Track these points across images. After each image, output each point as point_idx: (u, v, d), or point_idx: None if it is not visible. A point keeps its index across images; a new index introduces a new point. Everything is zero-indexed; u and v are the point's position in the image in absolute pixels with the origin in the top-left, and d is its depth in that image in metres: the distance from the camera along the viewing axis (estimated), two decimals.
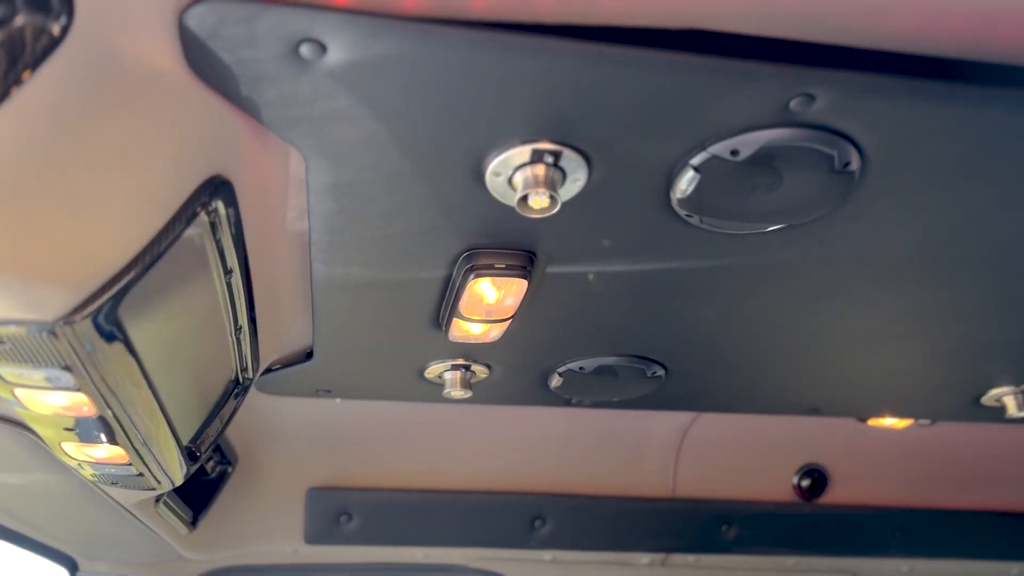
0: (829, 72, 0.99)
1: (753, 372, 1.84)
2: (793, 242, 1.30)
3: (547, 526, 2.43)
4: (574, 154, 1.08)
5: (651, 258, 1.35)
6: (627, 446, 2.43)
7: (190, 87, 0.95)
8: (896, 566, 2.73)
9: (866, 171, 1.13)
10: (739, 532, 2.51)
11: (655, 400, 1.98)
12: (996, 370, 1.86)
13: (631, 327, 1.60)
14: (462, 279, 1.33)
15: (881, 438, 2.47)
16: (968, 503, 2.73)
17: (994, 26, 1.03)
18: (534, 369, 1.77)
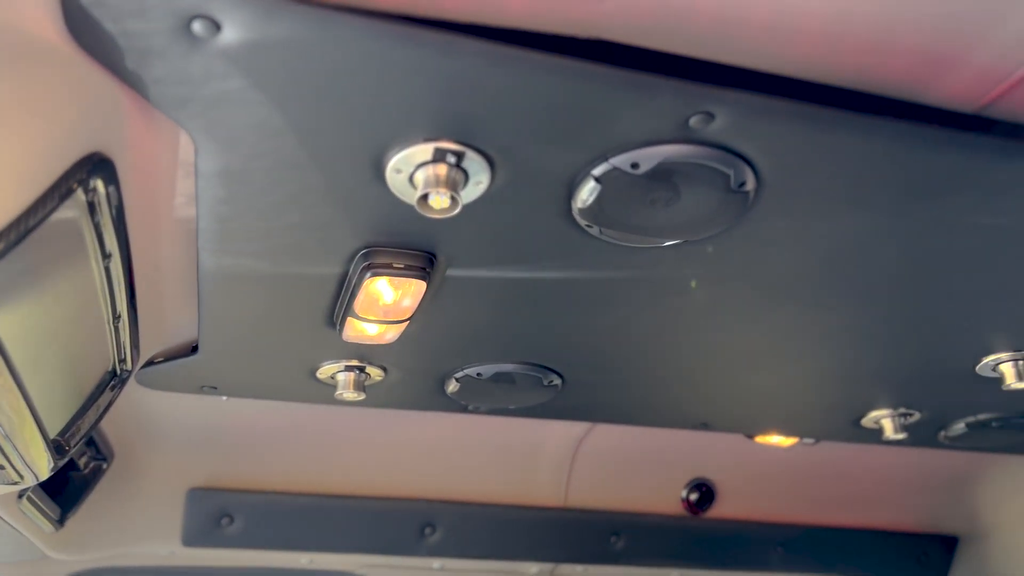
0: (728, 92, 1.01)
1: (647, 385, 1.86)
2: (688, 258, 1.32)
3: (437, 534, 2.41)
4: (477, 156, 1.07)
5: (551, 266, 1.35)
6: (522, 455, 2.42)
7: (70, 57, 0.90)
8: None
9: (760, 192, 1.16)
10: (627, 544, 2.54)
11: (551, 409, 1.98)
12: (875, 393, 1.94)
13: (530, 335, 1.60)
14: (358, 277, 1.30)
15: (767, 455, 2.54)
16: (846, 521, 2.84)
17: (884, 59, 1.07)
18: (431, 373, 1.75)
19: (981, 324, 1.57)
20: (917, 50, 1.06)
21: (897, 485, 2.78)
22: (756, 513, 2.71)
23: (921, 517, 2.93)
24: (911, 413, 2.04)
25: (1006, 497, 2.86)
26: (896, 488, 2.79)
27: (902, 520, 2.91)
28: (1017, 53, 1.06)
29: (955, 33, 1.04)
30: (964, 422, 2.09)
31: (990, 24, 1.03)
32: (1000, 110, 1.13)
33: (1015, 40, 1.04)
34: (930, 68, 1.08)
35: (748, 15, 1.00)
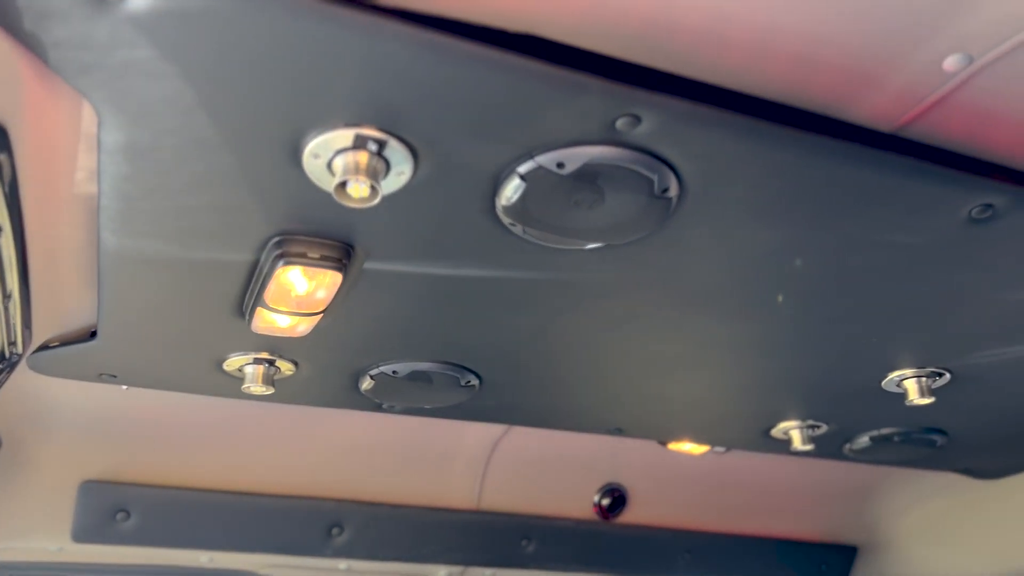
0: (656, 96, 1.00)
1: (564, 388, 1.85)
2: (610, 262, 1.32)
3: (345, 534, 2.35)
4: (400, 146, 1.04)
5: (473, 264, 1.32)
6: (436, 456, 2.39)
7: None
8: None
9: (683, 199, 1.16)
10: (538, 548, 2.53)
11: (468, 410, 1.95)
12: (786, 404, 1.98)
13: (449, 333, 1.57)
14: (270, 266, 1.25)
15: (679, 462, 2.57)
16: (752, 529, 2.90)
17: (810, 74, 1.08)
18: (344, 370, 1.70)
19: (888, 341, 1.62)
20: (841, 68, 1.07)
21: (801, 495, 2.84)
22: (666, 519, 2.74)
23: (823, 527, 3.01)
24: (819, 425, 2.09)
25: (903, 509, 2.96)
26: (800, 498, 2.86)
27: (805, 530, 2.98)
28: (932, 78, 1.09)
29: (877, 54, 1.06)
30: (868, 436, 2.15)
31: (909, 48, 1.05)
32: (915, 131, 1.16)
33: (930, 65, 1.07)
34: (852, 86, 1.10)
35: (680, 21, 1.00)
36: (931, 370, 1.75)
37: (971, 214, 1.21)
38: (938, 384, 1.79)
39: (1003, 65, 1.06)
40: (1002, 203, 1.20)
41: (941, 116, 1.13)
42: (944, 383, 1.79)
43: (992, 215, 1.22)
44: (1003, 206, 1.20)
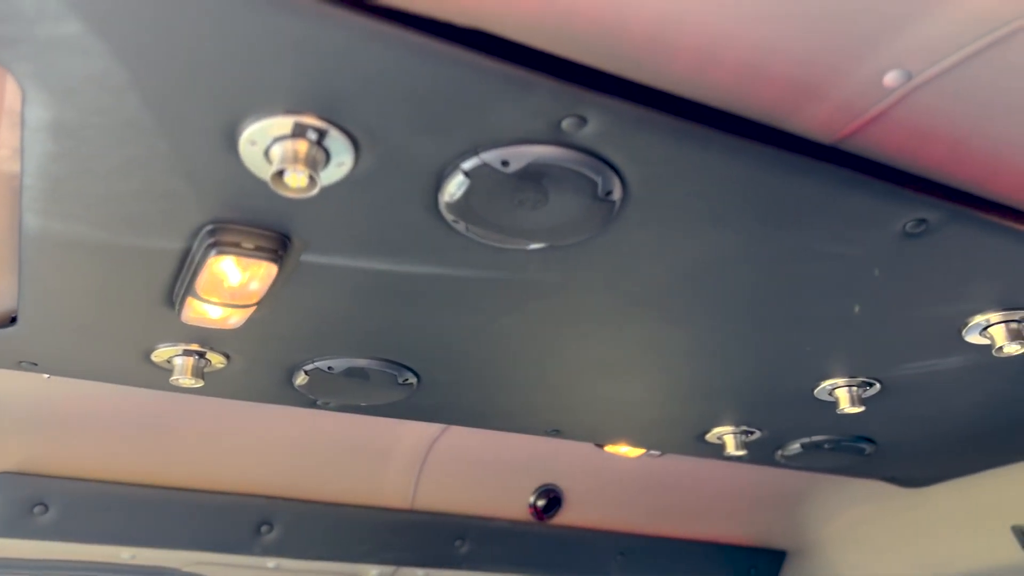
0: (603, 98, 1.00)
1: (503, 389, 1.84)
2: (552, 263, 1.31)
3: (274, 532, 2.30)
4: (342, 136, 1.01)
5: (413, 260, 1.30)
6: (371, 454, 2.36)
7: None
8: None
9: (626, 202, 1.16)
10: (472, 548, 2.51)
11: (405, 408, 1.93)
12: (721, 410, 2.00)
13: (387, 330, 1.54)
14: (202, 255, 1.21)
15: (615, 464, 2.58)
16: (684, 532, 2.93)
17: (755, 84, 1.09)
18: (278, 364, 1.66)
19: (822, 350, 1.65)
20: (785, 78, 1.09)
21: (733, 500, 2.89)
22: (600, 521, 2.75)
23: (754, 531, 3.06)
24: (752, 431, 2.12)
25: (830, 515, 3.03)
26: (732, 503, 2.90)
27: (736, 533, 3.03)
28: (872, 92, 1.10)
29: (820, 66, 1.07)
30: (800, 442, 2.19)
31: (850, 62, 1.07)
32: (854, 145, 1.18)
33: (871, 80, 1.09)
34: (795, 97, 1.11)
35: (628, 24, 1.00)
36: (862, 380, 1.79)
37: (905, 228, 1.24)
38: (868, 394, 1.83)
39: (940, 83, 1.08)
40: (935, 219, 1.23)
41: (880, 130, 1.16)
42: (874, 393, 1.83)
43: (925, 230, 1.24)
44: (936, 222, 1.23)
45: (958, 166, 1.23)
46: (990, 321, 1.51)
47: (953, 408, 1.97)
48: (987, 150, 1.21)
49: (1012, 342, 1.50)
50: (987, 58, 1.04)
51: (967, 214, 1.24)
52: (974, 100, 1.11)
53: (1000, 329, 1.51)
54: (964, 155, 1.22)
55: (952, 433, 2.16)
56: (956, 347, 1.62)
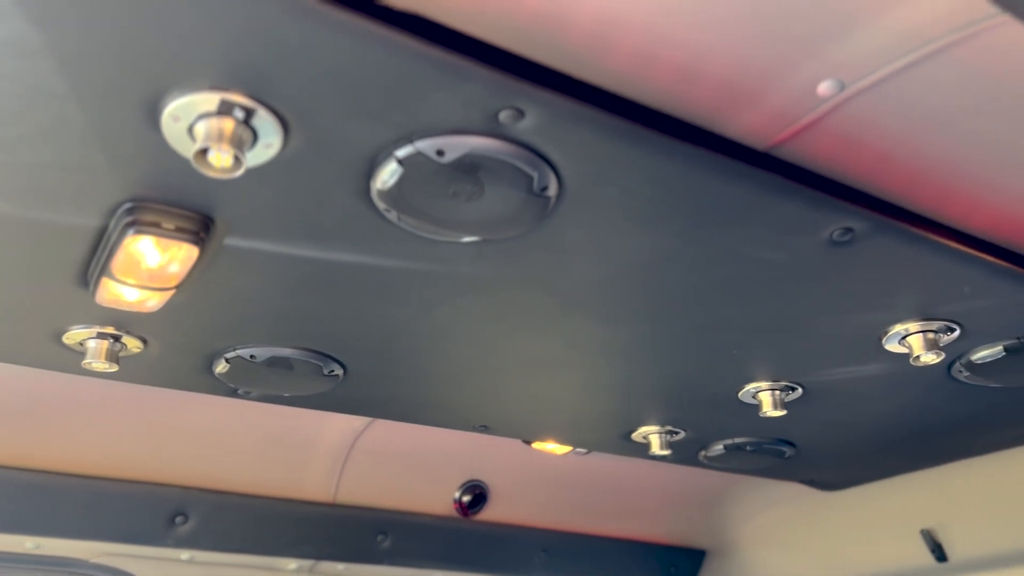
0: (542, 91, 0.99)
1: (432, 383, 1.82)
2: (486, 257, 1.29)
3: (189, 523, 2.22)
4: (270, 116, 0.98)
5: (343, 248, 1.27)
6: (293, 447, 2.30)
7: None
8: None
9: (562, 198, 1.15)
10: (394, 543, 2.48)
11: (330, 400, 1.89)
12: (647, 409, 2.01)
13: (313, 319, 1.50)
14: (119, 234, 1.15)
15: (542, 461, 2.58)
16: (608, 530, 2.95)
17: (692, 86, 1.09)
18: (198, 351, 1.60)
19: (748, 353, 1.67)
20: (721, 82, 1.09)
21: (656, 499, 2.92)
22: (525, 518, 2.75)
23: (675, 530, 3.10)
24: (677, 431, 2.14)
25: (750, 516, 3.09)
26: (655, 502, 2.94)
27: (658, 532, 3.07)
28: (805, 100, 1.12)
29: (756, 72, 1.08)
30: (722, 444, 2.22)
31: (785, 69, 1.08)
32: (787, 151, 1.19)
33: (805, 88, 1.10)
34: (731, 102, 1.12)
35: (569, 18, 0.99)
36: (785, 384, 1.82)
37: (832, 236, 1.26)
38: (790, 398, 1.87)
39: (871, 95, 1.10)
40: (861, 228, 1.25)
41: (812, 138, 1.17)
42: (796, 397, 1.87)
43: (851, 239, 1.27)
44: (862, 231, 1.26)
45: (885, 177, 1.25)
46: (909, 331, 1.55)
47: (871, 414, 2.03)
48: (912, 163, 1.24)
49: (928, 352, 1.54)
50: (916, 73, 1.07)
51: (891, 225, 1.27)
52: (902, 113, 1.14)
53: (918, 339, 1.55)
54: (891, 167, 1.25)
55: (868, 438, 2.22)
56: (876, 355, 1.66)
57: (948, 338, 1.57)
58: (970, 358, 1.68)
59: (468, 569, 2.66)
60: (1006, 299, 1.46)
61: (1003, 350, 1.64)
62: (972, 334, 1.58)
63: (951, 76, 1.07)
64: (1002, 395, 1.88)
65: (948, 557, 2.61)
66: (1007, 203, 1.34)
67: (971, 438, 2.23)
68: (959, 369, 1.73)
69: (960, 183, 1.30)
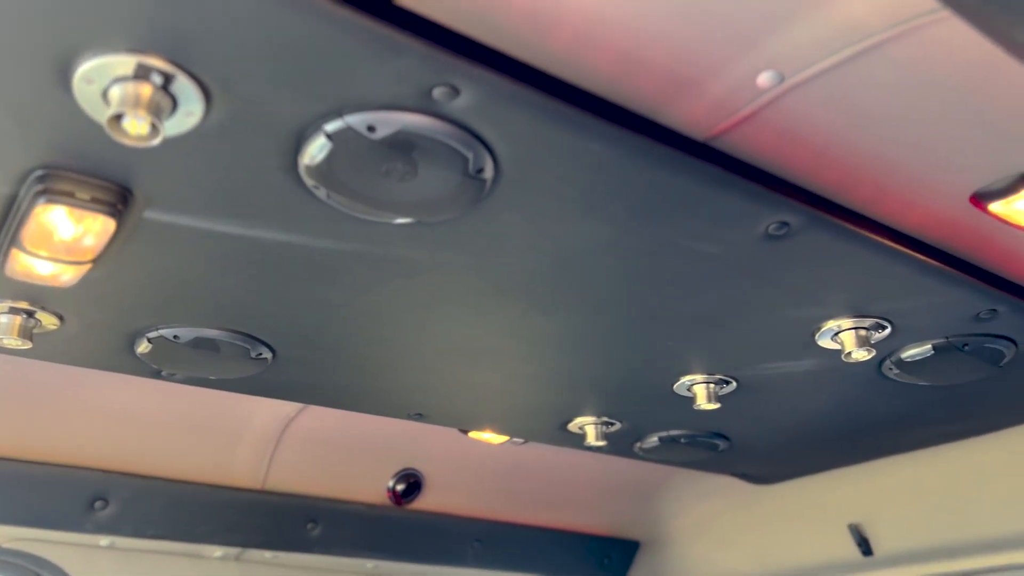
0: (478, 69, 0.96)
1: (365, 370, 1.78)
2: (420, 241, 1.26)
3: (110, 508, 2.14)
4: (191, 83, 0.93)
5: (270, 226, 1.22)
6: (221, 431, 2.24)
7: None
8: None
9: (498, 182, 1.12)
10: (324, 532, 2.43)
11: (259, 385, 1.83)
12: (583, 400, 2.00)
13: (239, 300, 1.45)
14: (29, 203, 1.09)
15: (478, 450, 2.56)
16: (542, 521, 2.95)
17: (634, 73, 1.07)
18: (118, 329, 1.54)
19: (683, 346, 1.67)
20: (662, 69, 1.07)
21: (591, 491, 2.93)
22: (459, 507, 2.73)
23: (609, 521, 3.11)
24: (613, 423, 2.14)
25: (683, 509, 3.12)
26: (590, 493, 2.94)
27: (593, 523, 3.07)
28: (745, 92, 1.11)
29: (697, 61, 1.07)
30: (657, 436, 2.23)
31: (726, 59, 1.07)
32: (725, 143, 1.18)
33: (745, 79, 1.09)
34: (671, 90, 1.11)
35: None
36: (719, 377, 1.83)
37: (768, 230, 1.26)
38: (725, 391, 1.88)
39: (809, 88, 1.10)
40: (797, 223, 1.25)
41: (750, 130, 1.17)
42: (730, 391, 1.88)
43: (787, 233, 1.27)
44: (797, 226, 1.26)
45: (821, 173, 1.26)
46: (841, 327, 1.57)
47: (803, 409, 2.05)
48: (848, 159, 1.25)
49: (860, 348, 1.56)
50: (853, 68, 1.06)
51: (826, 220, 1.27)
52: (839, 109, 1.14)
53: (850, 335, 1.57)
54: (827, 162, 1.25)
55: (800, 433, 2.25)
56: (809, 351, 1.67)
57: (879, 335, 1.60)
58: (900, 356, 1.70)
59: (400, 558, 2.63)
60: (936, 298, 1.48)
61: (932, 349, 1.66)
62: (902, 332, 1.60)
63: (887, 73, 1.07)
64: (929, 393, 1.91)
65: (873, 551, 2.66)
66: (939, 203, 1.36)
67: (898, 435, 2.28)
68: (889, 367, 1.76)
69: (894, 182, 1.31)
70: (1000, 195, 1.29)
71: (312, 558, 2.49)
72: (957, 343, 1.64)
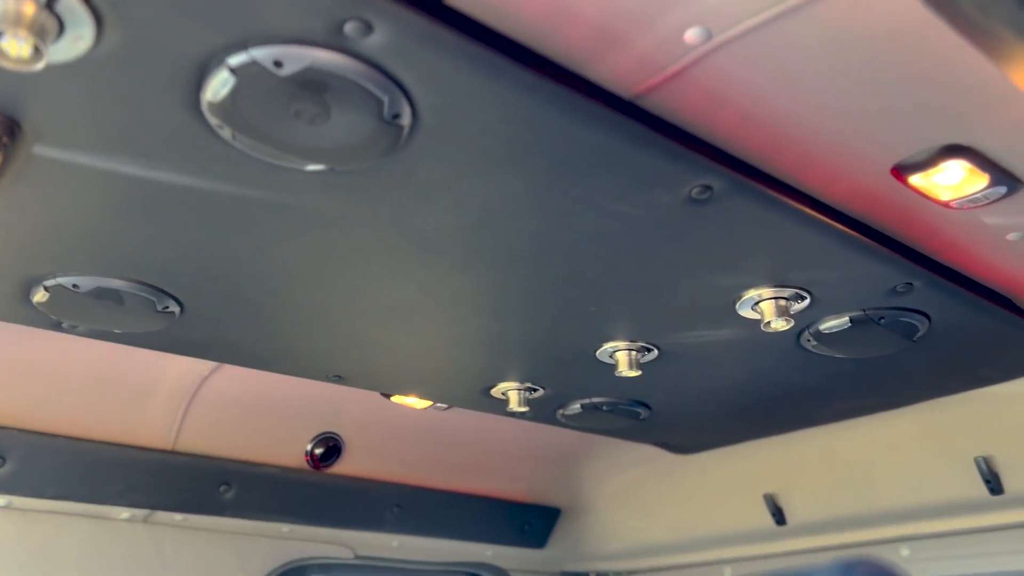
0: (393, 5, 0.91)
1: (280, 328, 1.71)
2: (334, 190, 1.21)
3: (7, 466, 2.04)
4: (79, 4, 0.86)
5: (171, 168, 1.15)
6: (131, 388, 2.15)
7: None
8: (387, 540, 2.82)
9: (416, 129, 1.08)
10: (238, 495, 2.37)
11: (167, 340, 1.76)
12: (506, 365, 1.98)
13: (143, 248, 1.38)
14: None
15: (401, 415, 2.52)
16: (464, 487, 2.93)
17: (561, 23, 1.03)
18: (11, 276, 1.45)
19: (606, 311, 1.65)
20: (590, 23, 1.04)
21: (514, 457, 2.92)
22: (380, 472, 2.69)
23: (531, 488, 3.12)
24: (536, 389, 2.12)
25: (604, 477, 3.15)
26: (513, 460, 2.93)
27: (514, 490, 3.07)
28: (673, 47, 1.08)
29: (625, 14, 1.03)
30: (580, 403, 2.22)
31: (655, 12, 1.03)
32: (651, 102, 1.16)
33: (672, 34, 1.06)
34: (598, 44, 1.07)
35: None
36: (641, 344, 1.82)
37: (691, 193, 1.24)
38: (646, 359, 1.88)
39: (737, 47, 1.08)
40: (720, 187, 1.24)
41: (677, 89, 1.14)
42: (652, 358, 1.88)
43: (710, 197, 1.25)
44: (720, 190, 1.24)
45: (747, 136, 1.24)
46: (761, 296, 1.57)
47: (722, 379, 2.07)
48: (774, 124, 1.23)
49: (779, 318, 1.57)
50: (780, 28, 1.04)
51: (750, 186, 1.26)
52: (766, 71, 1.12)
53: (770, 305, 1.57)
54: (753, 126, 1.23)
55: (719, 403, 2.27)
56: (730, 320, 1.68)
57: (798, 306, 1.61)
58: (818, 328, 1.72)
59: (317, 522, 2.58)
60: (855, 270, 1.49)
61: (849, 321, 1.68)
62: (821, 303, 1.61)
63: (812, 34, 1.05)
64: (845, 366, 1.94)
65: (787, 520, 2.73)
66: (862, 175, 1.36)
67: (814, 407, 2.32)
68: (807, 338, 1.77)
69: (819, 151, 1.30)
70: (920, 168, 1.29)
71: (225, 521, 2.42)
72: (873, 316, 1.66)
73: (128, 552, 2.26)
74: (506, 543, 3.07)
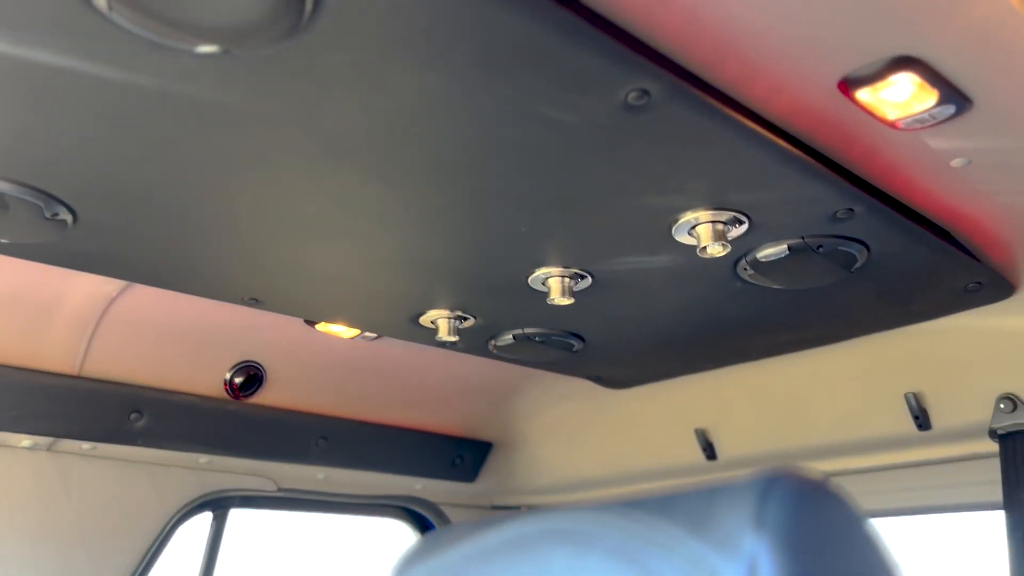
0: None
1: (182, 241, 1.58)
2: (231, 79, 1.08)
3: None
4: None
5: (43, 46, 1.01)
6: (30, 308, 2.00)
7: None
8: (312, 473, 2.74)
9: (319, 10, 0.96)
10: (150, 423, 2.25)
11: (60, 253, 1.62)
12: (434, 291, 1.88)
13: (22, 143, 1.23)
14: None
15: (327, 344, 2.42)
16: (393, 420, 2.86)
17: None
18: None
19: (537, 233, 1.56)
20: None
21: (445, 390, 2.85)
22: (304, 403, 2.59)
23: (463, 422, 3.06)
24: (466, 317, 2.04)
25: (536, 411, 3.10)
26: (443, 393, 2.86)
27: (446, 423, 3.01)
28: None
29: None
30: (512, 333, 2.15)
31: None
32: None
33: None
34: None
35: None
36: (575, 271, 1.75)
37: (627, 99, 1.15)
38: (580, 287, 1.80)
39: None
40: (658, 92, 1.14)
41: None
42: (585, 286, 1.81)
43: (647, 104, 1.16)
44: (658, 96, 1.15)
45: (690, 40, 1.15)
46: (699, 220, 1.50)
47: (657, 310, 2.01)
48: (719, 31, 1.14)
49: (715, 243, 1.50)
50: None
51: (690, 94, 1.17)
52: None
53: (707, 228, 1.50)
54: (698, 31, 1.14)
55: (653, 336, 2.22)
56: (665, 245, 1.61)
57: (736, 231, 1.54)
58: (755, 256, 1.66)
59: (236, 453, 2.48)
60: (795, 193, 1.43)
61: (787, 249, 1.63)
62: (759, 229, 1.55)
63: None
64: (780, 296, 1.90)
65: (717, 455, 2.73)
66: (808, 90, 1.28)
67: (748, 341, 2.29)
68: (744, 267, 1.72)
69: (764, 60, 1.21)
70: (868, 81, 1.22)
71: (137, 450, 2.30)
72: (812, 244, 1.61)
73: (31, 481, 2.14)
74: (436, 477, 3.02)
